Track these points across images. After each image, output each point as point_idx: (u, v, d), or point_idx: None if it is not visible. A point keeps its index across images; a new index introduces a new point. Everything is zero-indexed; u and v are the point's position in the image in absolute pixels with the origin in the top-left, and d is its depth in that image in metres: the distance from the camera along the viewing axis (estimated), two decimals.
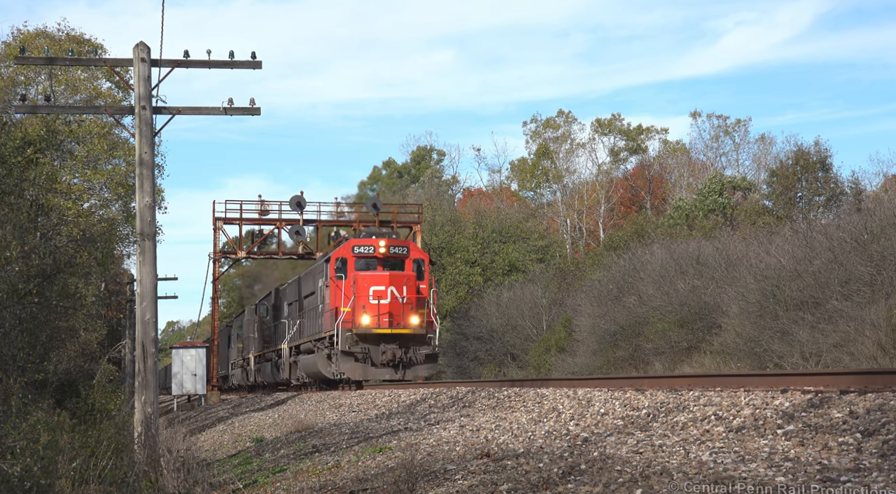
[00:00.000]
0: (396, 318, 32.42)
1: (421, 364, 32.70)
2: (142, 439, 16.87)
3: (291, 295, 44.68)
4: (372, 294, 32.42)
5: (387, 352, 32.25)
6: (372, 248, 34.09)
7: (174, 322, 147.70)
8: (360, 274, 32.95)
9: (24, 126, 29.96)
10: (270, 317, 51.12)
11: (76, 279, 27.49)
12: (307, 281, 40.80)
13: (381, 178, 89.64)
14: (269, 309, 52.04)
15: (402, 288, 32.69)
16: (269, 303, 52.16)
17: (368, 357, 32.27)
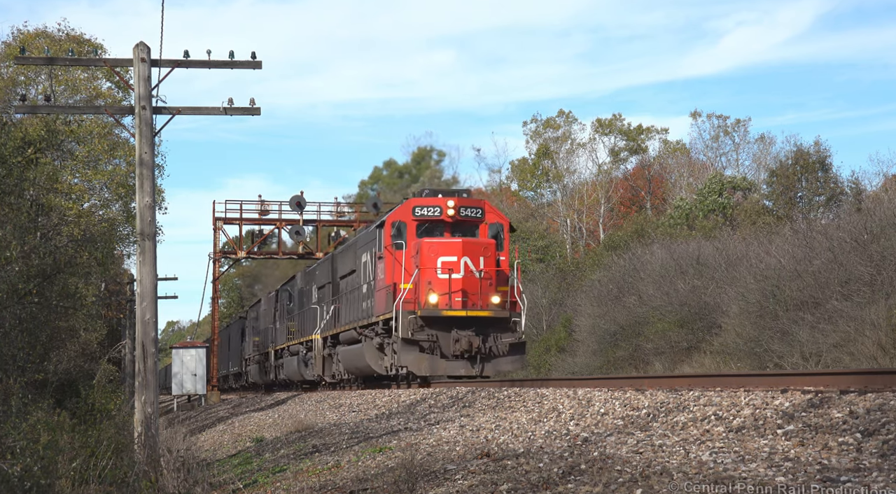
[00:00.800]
0: (472, 297, 25.89)
1: (503, 356, 25.95)
2: (142, 439, 16.88)
3: (323, 277, 38.34)
4: (440, 266, 25.83)
5: (461, 340, 25.53)
6: (438, 209, 27.38)
7: (174, 322, 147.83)
8: (425, 242, 26.17)
9: (24, 126, 29.96)
10: (295, 305, 44.85)
11: (76, 279, 27.50)
12: (345, 257, 34.42)
13: (381, 178, 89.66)
14: (292, 296, 45.85)
15: (479, 259, 26.14)
16: (294, 288, 45.67)
17: (437, 346, 25.70)
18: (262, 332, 53.99)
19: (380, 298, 28.00)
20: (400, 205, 28.58)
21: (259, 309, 56.10)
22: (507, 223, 28.34)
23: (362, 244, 31.43)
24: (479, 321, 25.87)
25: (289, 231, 55.63)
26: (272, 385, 51.48)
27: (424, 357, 25.62)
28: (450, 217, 27.32)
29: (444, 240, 26.53)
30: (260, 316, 55.25)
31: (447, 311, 25.67)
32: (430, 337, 25.66)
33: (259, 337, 54.86)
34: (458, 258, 25.87)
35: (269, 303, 52.39)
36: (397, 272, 26.67)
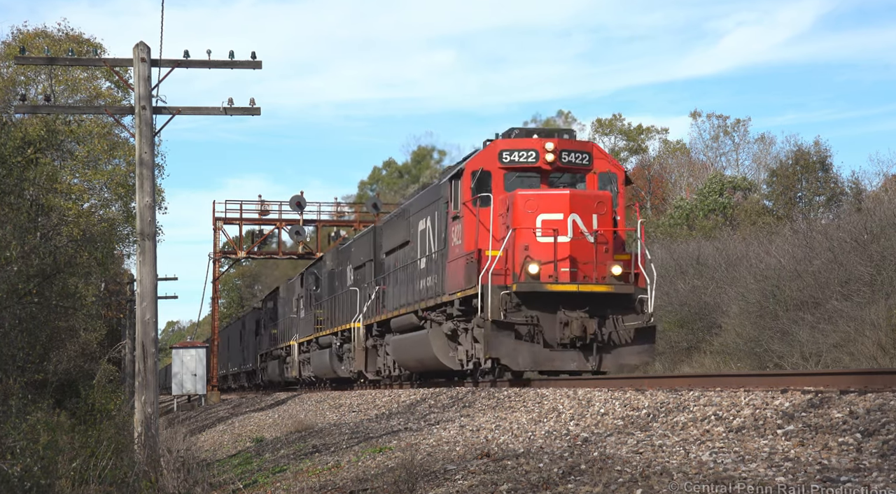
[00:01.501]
0: (584, 267, 20.12)
1: (627, 344, 20.20)
2: (142, 439, 16.88)
3: (361, 255, 32.49)
4: (541, 226, 20.09)
5: (571, 324, 19.65)
6: (534, 154, 21.28)
7: (174, 322, 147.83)
8: (521, 195, 20.38)
9: (24, 126, 29.97)
10: (324, 289, 38.85)
11: (76, 279, 27.52)
12: (393, 228, 28.57)
13: (381, 178, 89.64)
14: (319, 279, 39.89)
15: (592, 216, 20.23)
16: (322, 271, 39.75)
17: (538, 331, 19.78)
18: (281, 324, 48.25)
19: (455, 271, 21.89)
20: (479, 150, 22.24)
21: (277, 298, 50.42)
22: (622, 173, 22.14)
23: (419, 208, 25.54)
24: (595, 298, 19.97)
25: (289, 231, 55.65)
26: (295, 383, 45.31)
27: (522, 345, 19.60)
28: (548, 164, 21.25)
29: (545, 193, 20.67)
30: (278, 305, 49.47)
31: (552, 285, 19.81)
32: (530, 320, 19.71)
33: (278, 330, 48.91)
34: (564, 215, 20.07)
35: (289, 291, 46.84)
36: (482, 235, 20.66)
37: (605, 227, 20.40)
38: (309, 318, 40.52)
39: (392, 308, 27.43)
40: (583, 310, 19.85)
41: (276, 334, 49.26)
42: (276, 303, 50.39)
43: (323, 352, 36.94)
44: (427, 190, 25.99)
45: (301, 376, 42.50)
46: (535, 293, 19.83)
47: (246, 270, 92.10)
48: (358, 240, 34.06)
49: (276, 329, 49.35)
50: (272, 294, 53.38)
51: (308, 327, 40.61)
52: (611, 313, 20.24)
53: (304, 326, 41.48)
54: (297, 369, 42.69)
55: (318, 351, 37.98)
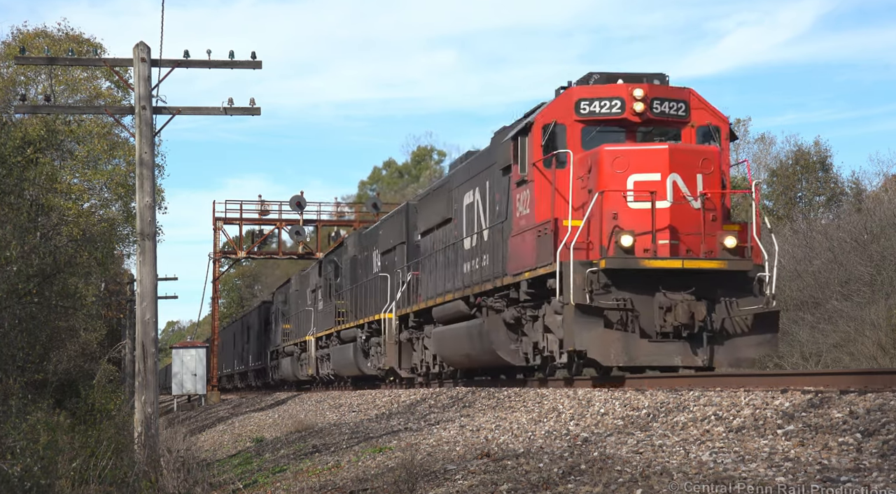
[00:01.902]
0: (688, 239, 16.60)
1: (744, 334, 16.58)
2: (142, 439, 16.88)
3: (390, 238, 29.02)
4: (634, 189, 16.57)
5: (674, 309, 16.08)
6: (619, 103, 17.59)
7: (174, 322, 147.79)
8: (607, 151, 16.83)
9: (23, 126, 29.99)
10: (345, 278, 35.09)
11: (76, 279, 27.53)
12: (430, 205, 25.12)
13: (381, 178, 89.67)
14: (340, 268, 36.07)
15: (696, 177, 16.68)
16: (342, 258, 35.80)
17: (633, 318, 16.21)
18: (294, 318, 44.58)
19: (521, 247, 18.37)
20: (547, 102, 18.46)
21: (289, 291, 47.09)
22: (726, 126, 18.30)
23: (464, 179, 22.38)
24: (702, 277, 16.36)
25: (289, 231, 55.68)
26: (312, 381, 41.55)
27: (613, 335, 16.12)
28: (637, 115, 17.54)
29: (638, 148, 17.10)
30: (290, 298, 46.10)
31: (650, 261, 16.28)
32: (623, 303, 16.19)
33: (292, 324, 45.30)
34: (662, 175, 16.51)
35: (303, 282, 43.31)
36: (558, 202, 17.19)
37: (713, 190, 16.74)
38: (328, 310, 36.57)
39: (430, 295, 24.21)
40: (687, 292, 16.22)
41: (288, 329, 45.78)
42: (287, 296, 47.13)
43: (345, 347, 33.26)
44: (474, 157, 22.44)
45: (318, 374, 38.52)
46: (629, 271, 16.23)
47: (246, 270, 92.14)
48: (386, 222, 30.18)
49: (289, 323, 45.86)
50: (284, 286, 49.95)
51: (327, 320, 36.73)
52: (722, 295, 16.60)
53: (323, 319, 37.60)
54: (314, 366, 38.78)
55: (340, 347, 34.29)
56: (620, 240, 16.31)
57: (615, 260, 16.28)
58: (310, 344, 39.45)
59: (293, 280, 46.40)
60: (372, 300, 30.08)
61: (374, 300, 29.80)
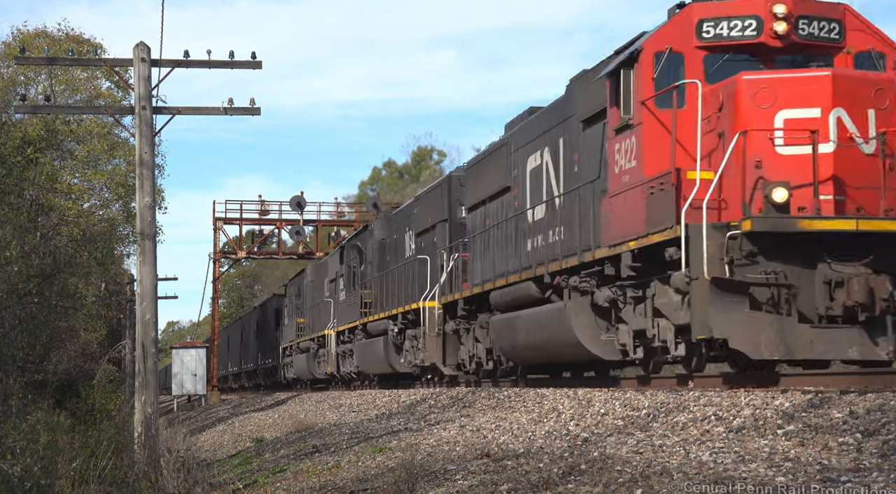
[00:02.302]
0: (859, 194, 13.07)
1: None
2: (142, 439, 16.88)
3: (429, 214, 25.65)
4: (784, 128, 13.08)
5: (847, 285, 12.67)
6: (754, 23, 14.06)
7: (174, 322, 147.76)
8: (746, 82, 13.36)
9: (23, 126, 29.99)
10: (371, 264, 31.45)
11: (76, 279, 27.53)
12: (484, 172, 21.45)
13: (381, 179, 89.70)
14: (365, 254, 32.34)
15: (867, 112, 13.15)
16: (367, 242, 32.11)
17: (789, 297, 12.77)
18: (309, 311, 41.12)
19: (625, 209, 14.81)
20: (659, 25, 15.11)
21: (303, 282, 43.54)
22: (893, 51, 14.43)
23: (529, 138, 18.99)
24: (883, 243, 12.89)
25: (289, 231, 55.69)
26: (331, 380, 37.76)
27: (764, 319, 12.68)
28: (777, 37, 13.92)
29: (789, 75, 13.40)
30: (305, 290, 42.75)
31: (811, 222, 12.73)
32: (775, 278, 12.69)
33: (307, 318, 41.61)
34: (823, 110, 12.92)
35: (320, 271, 40.04)
36: (679, 150, 13.67)
37: (891, 128, 13.03)
38: (352, 301, 32.81)
39: (483, 279, 20.83)
40: (862, 263, 12.70)
41: (303, 324, 41.98)
42: (302, 288, 43.46)
43: (374, 342, 29.46)
44: (540, 113, 19.06)
45: (339, 372, 34.96)
46: (782, 235, 12.68)
47: (246, 270, 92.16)
48: (423, 199, 26.68)
49: (304, 317, 42.02)
50: (297, 277, 46.04)
51: (351, 312, 32.92)
52: None
53: (346, 311, 33.76)
54: (334, 363, 35.10)
55: (366, 341, 30.52)
56: (772, 194, 12.57)
57: (764, 220, 12.52)
58: (329, 339, 35.61)
59: (308, 270, 42.80)
60: (405, 287, 26.66)
61: (408, 287, 26.37)
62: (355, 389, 33.00)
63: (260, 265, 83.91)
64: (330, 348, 35.64)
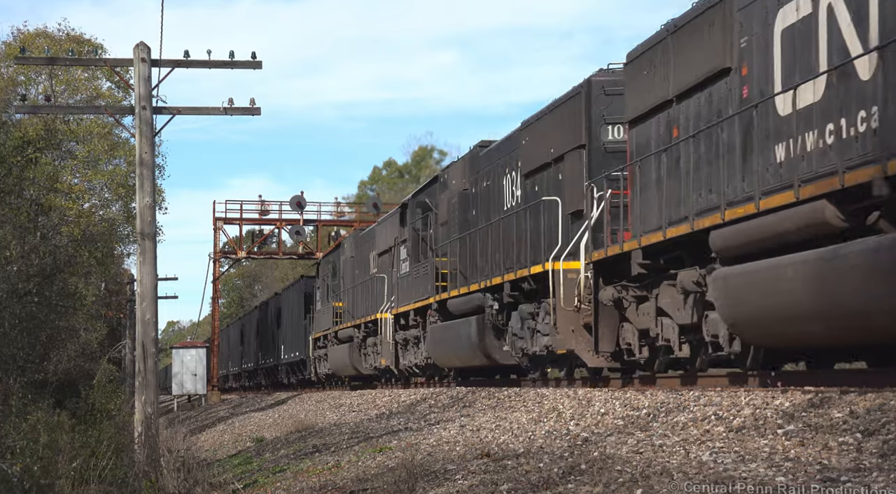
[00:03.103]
0: None
1: None
2: (142, 439, 16.87)
3: (543, 147, 19.30)
4: None
5: None
6: None
7: (174, 322, 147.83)
8: None
9: (23, 126, 30.01)
10: (449, 225, 24.48)
11: (76, 279, 27.53)
12: (677, 54, 14.31)
13: (381, 179, 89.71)
14: (435, 212, 25.70)
15: None
16: (440, 197, 25.38)
17: None
18: (349, 293, 34.32)
19: None
20: None
21: (340, 258, 36.73)
22: None
23: None
24: None
25: (289, 231, 55.70)
26: (384, 376, 30.64)
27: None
28: None
29: None
30: (343, 267, 36.02)
31: None
32: None
33: (346, 301, 34.74)
34: None
35: (363, 244, 33.58)
36: None
37: None
38: (421, 273, 26.24)
39: (672, 219, 14.15)
40: None
41: (341, 308, 35.34)
42: (338, 266, 36.93)
43: (457, 326, 22.86)
44: None
45: (399, 365, 28.30)
46: None
47: (246, 270, 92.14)
48: (536, 123, 19.92)
49: (342, 301, 35.36)
50: (332, 253, 39.35)
51: (417, 287, 26.44)
52: None
53: (410, 287, 26.97)
54: (390, 354, 28.38)
55: (445, 325, 23.94)
56: None
57: None
58: (384, 325, 28.80)
59: (346, 244, 36.43)
60: (511, 248, 20.17)
61: (517, 247, 19.94)
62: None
63: (260, 265, 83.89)
64: (385, 335, 28.65)
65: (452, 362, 24.22)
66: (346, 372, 34.78)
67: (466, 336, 22.20)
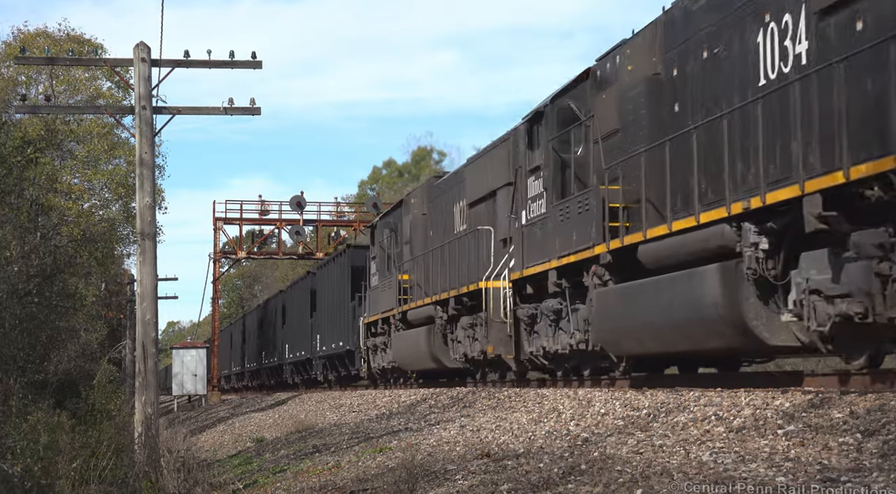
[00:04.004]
0: None
1: None
2: (142, 439, 16.87)
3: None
4: None
5: None
6: None
7: (174, 322, 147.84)
8: None
9: (23, 126, 30.01)
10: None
11: (76, 279, 27.52)
12: None
13: (381, 178, 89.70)
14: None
15: None
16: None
17: None
18: (422, 261, 25.97)
19: None
20: None
21: (403, 219, 28.36)
22: None
23: None
24: None
25: (289, 231, 55.67)
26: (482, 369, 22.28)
27: None
28: None
29: None
30: (411, 228, 27.50)
31: None
32: None
33: (417, 274, 26.32)
34: None
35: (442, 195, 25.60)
36: None
37: None
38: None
39: None
40: None
41: (408, 283, 27.06)
42: (403, 227, 28.28)
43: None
44: None
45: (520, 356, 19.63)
46: None
47: (246, 270, 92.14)
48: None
49: (408, 273, 27.25)
50: (392, 214, 30.31)
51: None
52: None
53: (546, 240, 17.95)
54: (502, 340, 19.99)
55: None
56: None
57: None
58: (495, 298, 20.18)
59: (414, 197, 27.71)
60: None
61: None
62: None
63: (260, 265, 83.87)
64: (497, 310, 20.16)
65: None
66: (420, 364, 25.82)
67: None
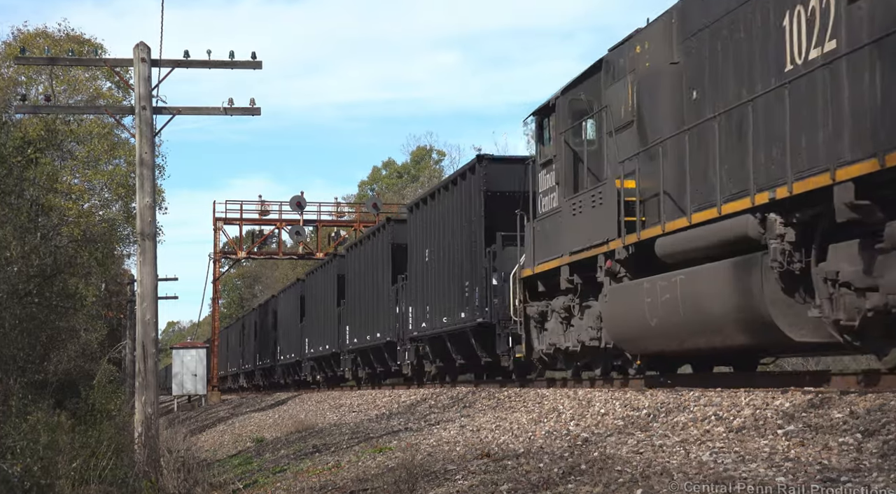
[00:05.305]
0: None
1: None
2: (142, 439, 16.87)
3: None
4: None
5: None
6: None
7: (174, 322, 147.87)
8: None
9: (24, 126, 30.01)
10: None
11: (76, 279, 27.52)
12: None
13: (380, 178, 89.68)
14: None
15: None
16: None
17: None
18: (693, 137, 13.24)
19: None
20: None
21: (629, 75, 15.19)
22: None
23: None
24: None
25: (289, 231, 55.68)
26: None
27: None
28: None
29: None
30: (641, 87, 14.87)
31: None
32: None
33: (666, 173, 13.70)
34: None
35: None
36: None
37: None
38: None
39: None
40: None
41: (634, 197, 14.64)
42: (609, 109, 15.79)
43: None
44: None
45: None
46: None
47: (246, 271, 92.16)
48: None
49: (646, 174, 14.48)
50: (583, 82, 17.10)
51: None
52: None
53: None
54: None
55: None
56: None
57: None
58: None
59: (642, 44, 15.04)
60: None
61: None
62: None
63: (260, 265, 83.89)
64: None
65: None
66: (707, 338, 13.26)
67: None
